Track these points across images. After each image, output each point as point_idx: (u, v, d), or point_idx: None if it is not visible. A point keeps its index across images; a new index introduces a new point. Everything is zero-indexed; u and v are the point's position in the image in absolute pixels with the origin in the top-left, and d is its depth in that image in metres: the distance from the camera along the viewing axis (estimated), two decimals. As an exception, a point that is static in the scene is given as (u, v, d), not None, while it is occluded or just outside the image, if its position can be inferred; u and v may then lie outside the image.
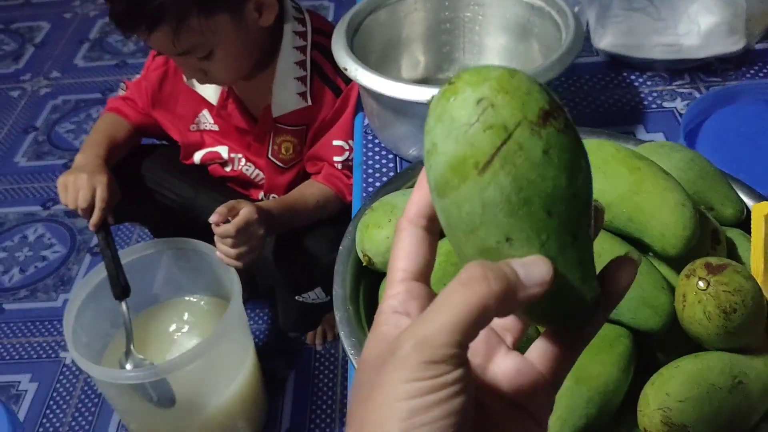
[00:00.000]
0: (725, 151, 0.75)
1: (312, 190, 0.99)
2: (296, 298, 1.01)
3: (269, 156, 1.01)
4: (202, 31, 0.82)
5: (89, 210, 0.94)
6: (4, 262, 1.48)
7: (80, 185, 0.94)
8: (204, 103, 1.01)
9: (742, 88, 0.84)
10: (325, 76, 0.94)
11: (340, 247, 0.58)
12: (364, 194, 0.80)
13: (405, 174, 0.65)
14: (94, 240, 1.50)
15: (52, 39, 2.20)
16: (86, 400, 1.20)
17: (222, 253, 0.90)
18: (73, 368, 1.26)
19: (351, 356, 0.50)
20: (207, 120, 1.03)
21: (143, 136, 1.11)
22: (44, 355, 1.29)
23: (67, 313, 0.97)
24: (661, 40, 0.90)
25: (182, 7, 0.80)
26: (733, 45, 0.89)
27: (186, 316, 1.14)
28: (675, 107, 0.87)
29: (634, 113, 0.87)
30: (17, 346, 1.30)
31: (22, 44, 2.18)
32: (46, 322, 1.34)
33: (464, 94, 0.24)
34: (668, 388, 0.45)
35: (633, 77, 0.93)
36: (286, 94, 0.94)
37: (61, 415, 1.19)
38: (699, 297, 0.45)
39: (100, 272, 1.01)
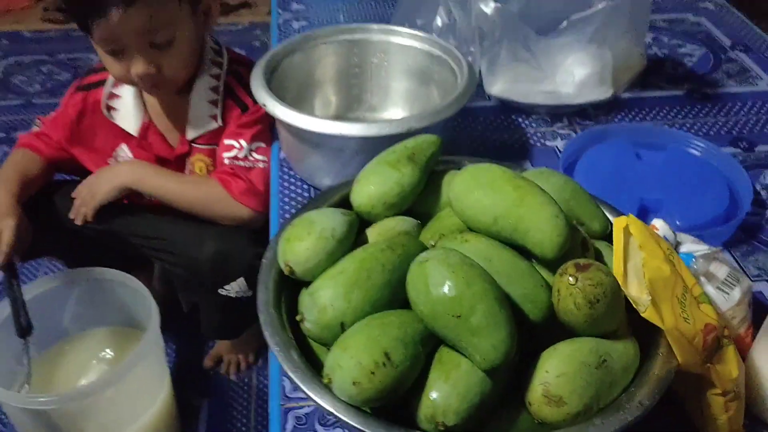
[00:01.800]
0: (595, 181, 0.87)
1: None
2: (219, 291, 1.04)
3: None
4: (172, 13, 0.88)
5: None
6: None
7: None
8: (122, 137, 1.05)
9: (611, 129, 0.97)
10: (236, 97, 1.01)
11: (263, 260, 0.64)
12: (281, 220, 0.86)
13: (319, 198, 0.72)
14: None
15: (-48, 78, 2.14)
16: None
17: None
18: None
19: (276, 352, 0.56)
20: (126, 154, 1.07)
21: (57, 171, 1.13)
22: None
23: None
24: (542, 88, 1.02)
25: None
26: (603, 93, 1.03)
27: (99, 348, 1.15)
28: (556, 146, 0.99)
29: (521, 150, 0.99)
30: None
31: None
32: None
33: None
34: (547, 367, 0.53)
35: (520, 119, 1.05)
36: (199, 116, 1.00)
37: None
38: (570, 290, 0.54)
39: (2, 311, 1.01)
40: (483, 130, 1.03)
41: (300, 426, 0.64)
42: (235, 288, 1.03)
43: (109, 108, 1.03)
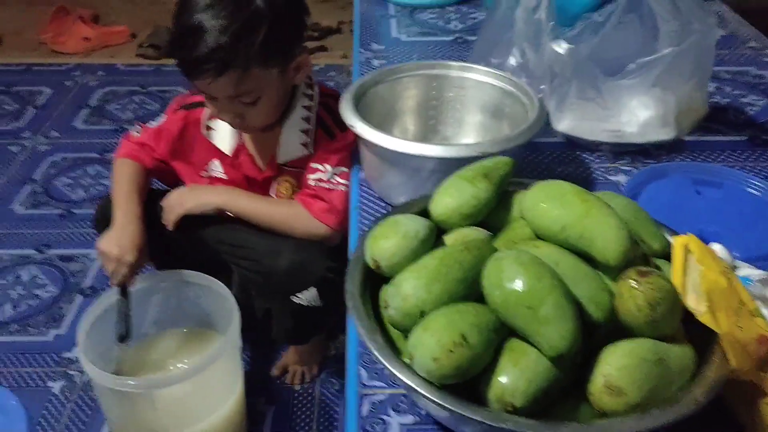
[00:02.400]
0: (655, 213, 0.90)
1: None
2: (292, 299, 1.12)
3: (271, 195, 1.16)
4: (259, 79, 0.98)
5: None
6: (-3, 299, 1.56)
7: (110, 260, 1.11)
8: (217, 153, 1.16)
9: (672, 166, 1.01)
10: (326, 127, 1.10)
11: (351, 257, 0.72)
12: (360, 233, 0.94)
13: (399, 209, 0.79)
14: (86, 282, 1.59)
15: (53, 103, 2.34)
16: (72, 427, 1.26)
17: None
18: (61, 397, 1.32)
19: (363, 335, 0.63)
20: (217, 168, 1.18)
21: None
22: (33, 385, 1.35)
23: (80, 331, 1.06)
24: (607, 127, 1.08)
25: (249, 57, 0.96)
26: (665, 134, 1.08)
27: (178, 347, 1.23)
28: (618, 180, 1.04)
29: (584, 183, 1.04)
30: (6, 375, 1.36)
31: (23, 106, 2.33)
32: (36, 355, 1.41)
33: None
34: (609, 360, 0.58)
35: (585, 155, 1.10)
36: (291, 143, 1.10)
37: (47, 440, 1.24)
38: (632, 293, 0.59)
39: (101, 305, 1.12)
40: (549, 163, 1.09)
41: (374, 411, 0.70)
42: (306, 297, 1.11)
43: (208, 128, 1.14)
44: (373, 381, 0.73)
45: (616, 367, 0.58)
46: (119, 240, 1.10)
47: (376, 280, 0.70)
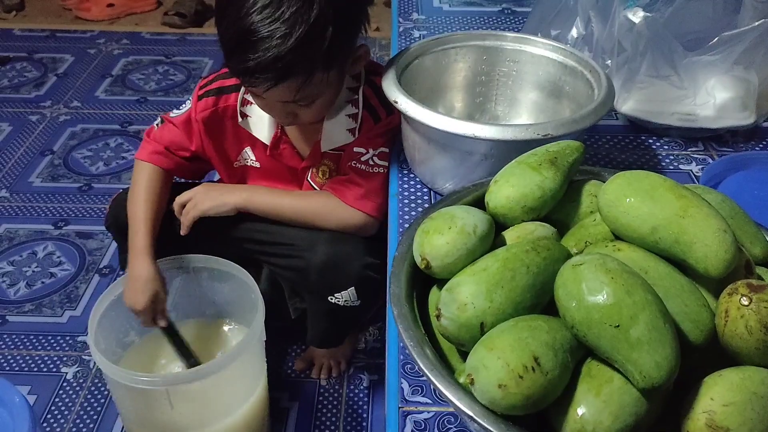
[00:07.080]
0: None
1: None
2: (329, 299, 1.02)
3: (308, 178, 1.05)
4: (320, 83, 0.87)
5: None
6: (10, 276, 1.48)
7: (132, 312, 1.02)
8: (248, 140, 1.05)
9: (754, 156, 0.90)
10: (371, 108, 0.99)
11: (395, 253, 0.62)
12: (401, 221, 0.84)
13: (448, 198, 0.69)
14: (104, 262, 1.52)
15: (75, 71, 2.27)
16: (84, 416, 1.19)
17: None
18: (74, 383, 1.24)
19: (410, 347, 0.53)
20: (249, 156, 1.07)
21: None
22: (45, 369, 1.27)
23: (91, 319, 0.98)
24: (679, 109, 0.96)
25: (312, 64, 0.84)
26: (744, 119, 0.96)
27: (201, 336, 1.15)
28: (691, 170, 0.93)
29: (653, 171, 0.93)
30: (18, 358, 1.29)
31: (44, 73, 2.25)
32: (50, 337, 1.33)
33: None
34: (713, 394, 0.48)
35: (650, 141, 0.99)
36: (337, 130, 0.99)
37: (58, 430, 1.17)
38: (741, 312, 0.49)
39: (114, 289, 1.04)
40: (609, 149, 0.98)
41: (418, 431, 0.60)
42: (344, 297, 1.02)
43: (244, 115, 1.02)
44: (416, 396, 0.63)
45: (722, 403, 0.47)
46: (131, 289, 1.01)
47: (423, 279, 0.60)
